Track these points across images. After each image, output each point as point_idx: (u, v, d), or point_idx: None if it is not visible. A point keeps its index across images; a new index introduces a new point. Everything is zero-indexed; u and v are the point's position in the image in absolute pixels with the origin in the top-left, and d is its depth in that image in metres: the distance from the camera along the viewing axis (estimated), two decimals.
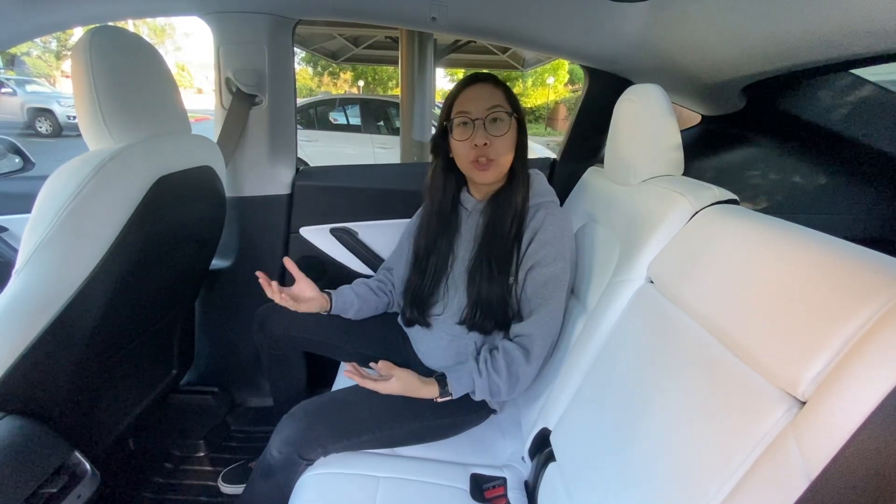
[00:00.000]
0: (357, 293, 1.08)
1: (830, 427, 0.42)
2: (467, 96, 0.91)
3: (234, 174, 1.31)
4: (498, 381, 0.87)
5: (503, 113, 0.89)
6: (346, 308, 1.06)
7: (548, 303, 0.89)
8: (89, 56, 0.75)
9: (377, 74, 16.52)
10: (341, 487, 0.82)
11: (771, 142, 1.12)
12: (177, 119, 0.93)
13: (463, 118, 0.90)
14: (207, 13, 1.19)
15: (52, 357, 0.76)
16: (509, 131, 0.90)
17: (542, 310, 0.89)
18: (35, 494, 0.71)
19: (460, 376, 0.89)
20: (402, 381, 0.87)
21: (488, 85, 0.91)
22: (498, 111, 0.89)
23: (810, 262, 0.53)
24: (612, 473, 0.66)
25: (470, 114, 0.89)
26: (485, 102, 0.89)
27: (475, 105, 0.89)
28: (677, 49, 1.05)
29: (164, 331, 1.14)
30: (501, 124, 0.89)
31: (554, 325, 0.90)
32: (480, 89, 0.91)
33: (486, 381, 0.88)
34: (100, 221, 0.74)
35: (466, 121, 0.90)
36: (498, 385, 0.88)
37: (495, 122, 0.89)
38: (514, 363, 0.88)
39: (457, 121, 0.91)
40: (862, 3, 0.63)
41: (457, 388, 0.89)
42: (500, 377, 0.87)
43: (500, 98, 0.90)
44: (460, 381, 0.89)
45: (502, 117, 0.89)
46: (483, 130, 0.88)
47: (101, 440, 0.96)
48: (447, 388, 0.89)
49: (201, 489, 1.22)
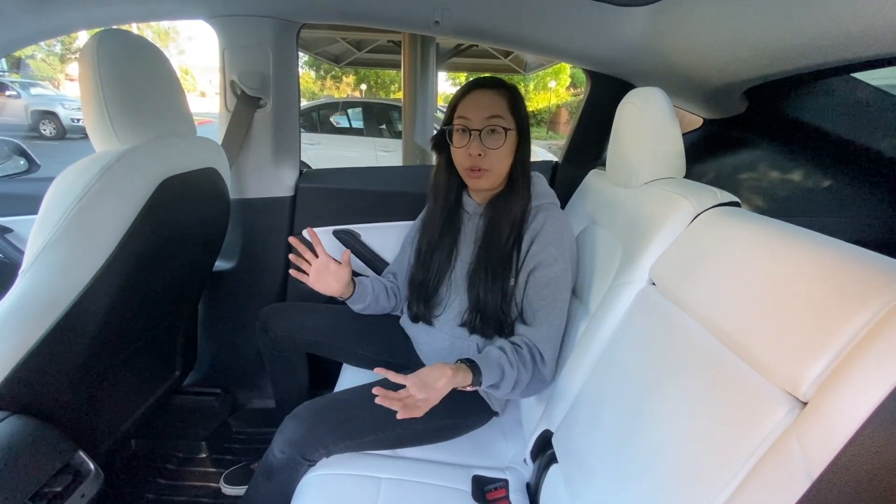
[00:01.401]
0: (374, 288, 1.08)
1: (832, 427, 0.42)
2: (468, 102, 0.91)
3: (238, 176, 1.32)
4: (524, 375, 0.83)
5: (500, 128, 0.88)
6: (361, 298, 1.05)
7: (553, 306, 0.88)
8: (97, 58, 0.76)
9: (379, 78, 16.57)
10: (343, 488, 0.83)
11: (772, 145, 1.12)
12: (182, 121, 0.94)
13: (461, 125, 0.90)
14: (212, 17, 1.20)
15: (57, 357, 0.76)
16: (506, 143, 0.89)
17: (549, 314, 0.88)
18: (39, 493, 0.72)
19: (490, 364, 0.81)
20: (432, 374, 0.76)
21: (491, 92, 0.90)
22: (496, 122, 0.88)
23: (811, 263, 0.53)
24: (614, 475, 0.66)
25: (468, 122, 0.89)
26: (484, 111, 0.89)
27: (475, 113, 0.89)
28: (679, 53, 1.05)
29: (168, 332, 1.15)
30: (498, 137, 0.89)
31: (560, 328, 0.90)
32: (482, 96, 0.90)
33: (515, 372, 0.82)
34: (105, 222, 0.75)
35: (464, 128, 0.90)
36: (522, 380, 0.83)
37: (492, 134, 0.89)
38: (535, 361, 0.86)
39: (456, 126, 0.91)
40: (862, 7, 0.64)
41: (487, 375, 0.80)
42: (527, 371, 0.83)
43: (502, 107, 0.89)
44: (490, 369, 0.81)
45: (499, 131, 0.89)
46: (479, 141, 0.89)
47: (104, 440, 0.96)
48: (479, 377, 0.80)
49: (203, 490, 1.22)
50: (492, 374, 0.81)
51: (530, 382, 0.85)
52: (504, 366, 0.82)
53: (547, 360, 0.87)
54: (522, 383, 0.84)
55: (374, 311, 1.11)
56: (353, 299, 1.05)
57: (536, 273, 0.89)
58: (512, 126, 0.90)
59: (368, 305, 1.07)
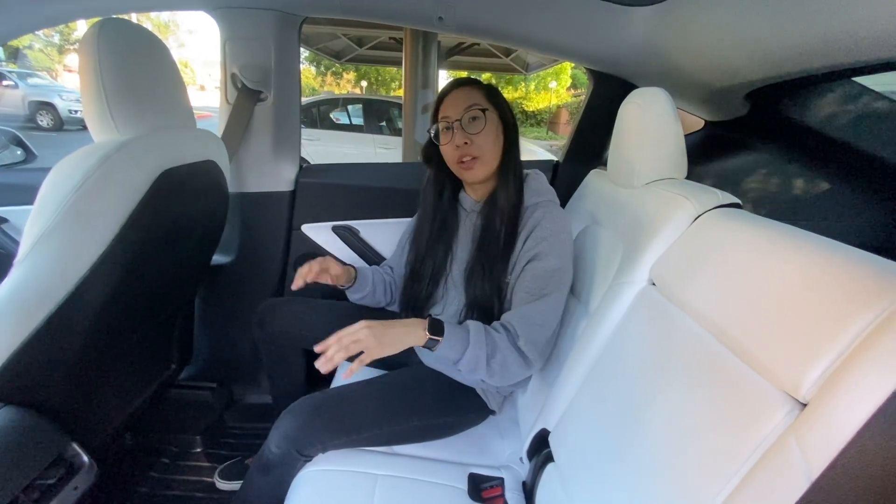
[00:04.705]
0: (374, 280, 1.09)
1: (832, 429, 0.42)
2: (447, 103, 0.94)
3: (238, 170, 1.31)
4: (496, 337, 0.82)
5: (478, 110, 0.91)
6: (361, 288, 1.07)
7: (542, 297, 0.85)
8: (97, 47, 0.75)
9: (380, 75, 16.53)
10: (339, 485, 0.82)
11: (773, 147, 1.12)
12: (182, 113, 0.94)
13: (444, 122, 0.93)
14: (215, 8, 1.19)
15: (52, 348, 0.76)
16: (487, 126, 0.91)
17: (535, 302, 0.85)
18: (32, 485, 0.71)
19: (457, 330, 0.81)
20: (370, 322, 0.76)
21: (466, 87, 0.94)
22: (474, 109, 0.91)
23: (812, 265, 0.53)
24: (611, 474, 0.66)
25: (449, 118, 0.92)
26: (461, 103, 0.91)
27: (453, 109, 0.92)
28: (682, 54, 1.05)
29: (164, 325, 1.14)
30: (478, 122, 0.91)
31: (547, 318, 0.86)
32: (458, 93, 0.93)
33: (483, 331, 0.81)
34: (103, 213, 0.74)
35: (447, 124, 0.92)
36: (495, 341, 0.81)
37: (473, 121, 0.91)
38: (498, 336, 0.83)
39: (440, 126, 0.94)
40: (865, 10, 0.64)
41: (450, 335, 0.79)
42: (500, 334, 0.82)
43: (479, 97, 0.92)
44: (456, 333, 0.80)
45: (478, 115, 0.91)
46: (462, 131, 0.91)
47: (98, 433, 0.96)
48: (439, 335, 0.79)
49: (197, 485, 1.22)
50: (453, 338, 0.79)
51: (505, 363, 0.82)
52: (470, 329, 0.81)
53: (523, 338, 0.82)
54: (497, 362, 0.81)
55: (370, 303, 1.11)
56: (353, 289, 1.05)
57: (531, 265, 0.89)
58: (490, 108, 0.92)
59: (366, 296, 1.08)
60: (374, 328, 0.75)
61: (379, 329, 0.76)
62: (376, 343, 0.74)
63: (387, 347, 0.76)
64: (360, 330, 0.75)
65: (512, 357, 0.82)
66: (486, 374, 0.83)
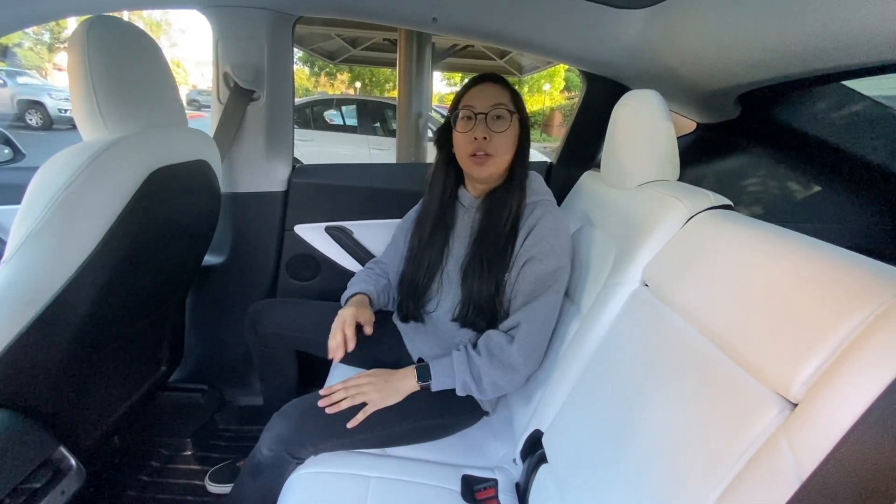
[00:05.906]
0: (379, 292, 1.09)
1: (822, 429, 0.42)
2: (474, 93, 0.93)
3: (230, 170, 1.30)
4: (478, 362, 0.87)
5: (506, 111, 0.91)
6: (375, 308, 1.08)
7: (540, 298, 0.88)
8: (87, 45, 0.74)
9: (374, 76, 16.51)
10: (331, 487, 0.82)
11: (764, 150, 1.14)
12: (173, 112, 0.93)
13: (467, 112, 0.92)
14: (207, 6, 1.18)
15: (39, 349, 0.74)
16: (510, 129, 0.92)
17: (533, 302, 0.88)
18: (18, 489, 0.70)
19: (443, 364, 0.90)
20: (373, 376, 0.90)
21: (496, 85, 0.94)
22: (501, 109, 0.91)
23: (803, 266, 0.53)
24: (604, 475, 0.66)
25: (474, 108, 0.92)
26: (490, 99, 0.91)
27: (480, 101, 0.92)
28: (674, 56, 1.06)
29: (154, 326, 1.12)
30: (503, 122, 0.91)
31: (544, 319, 0.90)
32: (488, 87, 0.93)
33: (465, 359, 0.88)
34: (92, 213, 0.73)
35: (470, 115, 0.92)
36: (478, 367, 0.87)
37: (498, 119, 0.91)
38: (494, 344, 0.88)
39: (461, 114, 0.93)
40: (854, 15, 0.64)
41: (438, 373, 0.90)
42: (482, 357, 0.88)
43: (506, 98, 0.93)
44: (443, 368, 0.89)
45: (505, 115, 0.91)
46: (484, 125, 0.91)
47: (87, 436, 0.94)
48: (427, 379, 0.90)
49: (187, 488, 1.20)
50: (442, 373, 0.90)
51: (490, 365, 0.87)
52: (453, 355, 0.90)
53: (518, 342, 0.87)
54: (480, 369, 0.87)
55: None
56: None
57: (527, 267, 0.89)
58: (515, 112, 0.93)
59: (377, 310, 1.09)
60: (376, 383, 0.89)
61: (381, 384, 0.89)
62: (380, 397, 0.87)
63: (388, 399, 0.88)
64: (365, 385, 0.88)
65: (497, 375, 0.87)
66: (481, 395, 0.90)
